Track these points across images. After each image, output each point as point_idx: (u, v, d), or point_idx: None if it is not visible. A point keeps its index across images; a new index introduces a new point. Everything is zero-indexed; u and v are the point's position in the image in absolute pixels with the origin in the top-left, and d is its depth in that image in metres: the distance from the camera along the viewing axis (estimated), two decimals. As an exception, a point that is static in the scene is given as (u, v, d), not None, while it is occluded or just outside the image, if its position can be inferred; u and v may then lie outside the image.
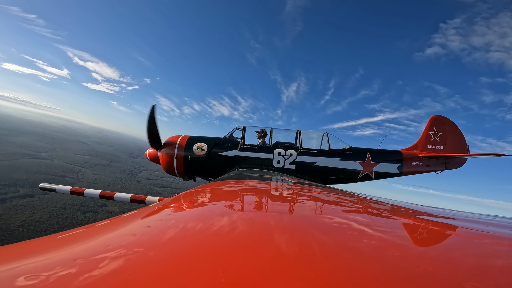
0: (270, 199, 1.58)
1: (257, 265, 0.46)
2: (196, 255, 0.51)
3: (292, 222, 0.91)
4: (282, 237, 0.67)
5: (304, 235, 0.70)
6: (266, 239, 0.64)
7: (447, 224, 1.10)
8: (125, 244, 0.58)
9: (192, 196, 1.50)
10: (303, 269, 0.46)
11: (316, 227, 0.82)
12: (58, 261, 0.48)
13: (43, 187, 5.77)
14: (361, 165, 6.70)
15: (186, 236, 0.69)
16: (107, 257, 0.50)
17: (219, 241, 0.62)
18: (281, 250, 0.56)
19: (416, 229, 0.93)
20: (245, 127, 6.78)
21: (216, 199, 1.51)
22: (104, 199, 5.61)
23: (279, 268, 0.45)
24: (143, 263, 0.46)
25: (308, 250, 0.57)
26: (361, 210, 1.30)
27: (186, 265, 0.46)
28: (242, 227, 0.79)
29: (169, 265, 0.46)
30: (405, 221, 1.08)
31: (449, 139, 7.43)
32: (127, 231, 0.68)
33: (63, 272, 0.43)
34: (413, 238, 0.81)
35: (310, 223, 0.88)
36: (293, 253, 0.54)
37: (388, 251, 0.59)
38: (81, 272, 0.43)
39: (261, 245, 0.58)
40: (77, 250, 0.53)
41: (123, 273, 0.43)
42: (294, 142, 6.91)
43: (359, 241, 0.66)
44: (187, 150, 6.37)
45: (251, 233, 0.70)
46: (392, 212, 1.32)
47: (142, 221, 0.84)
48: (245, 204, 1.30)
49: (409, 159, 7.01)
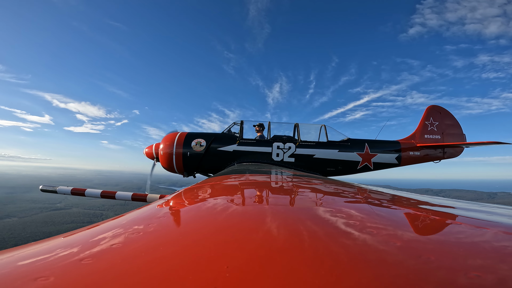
0: (271, 193, 1.59)
1: (261, 259, 0.46)
2: (200, 251, 0.51)
3: (294, 215, 0.91)
4: (286, 230, 0.68)
5: (308, 227, 0.70)
6: (269, 233, 0.64)
7: (448, 214, 1.11)
8: (129, 242, 0.58)
9: (193, 192, 1.50)
10: (307, 261, 0.46)
11: (318, 219, 0.82)
12: (65, 262, 0.48)
13: (44, 189, 5.76)
14: (360, 156, 6.73)
15: (189, 232, 0.69)
16: (112, 256, 0.50)
17: (222, 237, 0.62)
18: (285, 243, 0.56)
19: (417, 218, 0.93)
20: (243, 121, 6.76)
21: (217, 194, 1.52)
22: (105, 198, 5.61)
23: (283, 262, 0.45)
24: (148, 260, 0.46)
25: (312, 242, 0.58)
26: (362, 200, 1.31)
27: (191, 261, 0.46)
28: (244, 222, 0.79)
29: (174, 262, 0.46)
30: (406, 210, 1.09)
31: (446, 129, 7.46)
32: (131, 230, 0.68)
33: (70, 273, 0.43)
34: (414, 227, 0.81)
35: (313, 216, 0.89)
36: (297, 246, 0.54)
37: (389, 241, 0.59)
38: (87, 271, 0.43)
39: (265, 239, 0.59)
40: (83, 250, 0.53)
41: (129, 271, 0.43)
42: (293, 135, 6.91)
43: (360, 231, 0.66)
44: (186, 147, 6.36)
45: (253, 228, 0.70)
46: (393, 202, 1.33)
47: (144, 219, 0.84)
48: (246, 199, 1.30)
49: (407, 149, 7.05)
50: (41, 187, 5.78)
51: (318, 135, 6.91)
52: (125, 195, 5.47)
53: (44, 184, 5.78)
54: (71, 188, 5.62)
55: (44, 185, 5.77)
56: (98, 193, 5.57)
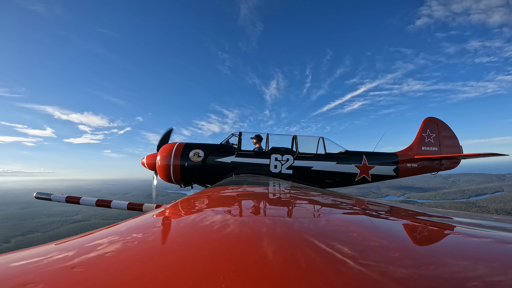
0: (269, 204, 1.58)
1: (257, 270, 0.45)
2: (196, 262, 0.50)
3: (291, 226, 0.90)
4: (283, 242, 0.67)
5: (305, 239, 0.69)
6: (266, 244, 0.63)
7: (446, 224, 1.10)
8: (123, 252, 0.57)
9: (189, 202, 1.49)
10: (305, 272, 0.45)
11: (316, 231, 0.81)
12: (56, 269, 0.47)
13: (38, 196, 5.64)
14: (357, 168, 6.74)
15: (184, 242, 0.68)
16: (105, 265, 0.49)
17: (219, 247, 0.61)
18: (282, 255, 0.56)
19: (415, 229, 0.93)
20: (241, 133, 6.78)
21: (214, 205, 1.50)
22: (100, 207, 5.49)
23: (280, 273, 0.44)
24: (142, 270, 0.45)
25: (310, 253, 0.57)
26: (360, 212, 1.30)
27: (186, 272, 0.45)
28: (241, 233, 0.78)
29: (169, 272, 0.45)
30: (404, 221, 1.08)
31: (443, 140, 7.54)
32: (125, 239, 0.67)
33: (60, 280, 0.42)
34: (413, 238, 0.81)
35: (310, 227, 0.88)
36: (295, 258, 0.54)
37: (388, 252, 0.59)
38: (79, 280, 0.42)
39: (261, 251, 0.58)
40: (75, 258, 0.52)
41: (122, 281, 0.42)
42: (291, 147, 6.93)
43: (359, 243, 0.66)
44: (183, 157, 6.33)
45: (250, 239, 0.69)
46: (391, 214, 1.33)
47: (139, 229, 0.83)
48: (243, 210, 1.29)
49: (404, 161, 7.08)
50: (35, 194, 5.64)
51: (316, 147, 6.93)
52: (120, 204, 5.35)
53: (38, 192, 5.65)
54: (66, 196, 5.49)
55: (38, 192, 5.64)
56: (93, 201, 5.44)
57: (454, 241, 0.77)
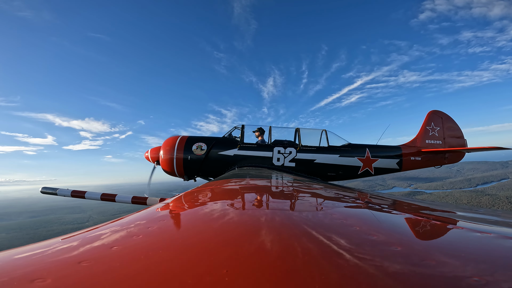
0: (272, 197, 1.58)
1: (261, 263, 0.46)
2: (200, 255, 0.51)
3: (294, 219, 0.91)
4: (286, 234, 0.67)
5: (308, 232, 0.70)
6: (270, 237, 0.64)
7: (449, 218, 1.10)
8: (129, 246, 0.58)
9: (193, 196, 1.50)
10: (309, 265, 0.46)
11: (319, 225, 0.82)
12: (63, 264, 0.48)
13: (44, 191, 5.75)
14: (360, 161, 6.71)
15: (189, 236, 0.69)
16: (111, 259, 0.50)
17: (222, 240, 0.62)
18: (285, 248, 0.56)
19: (418, 223, 0.93)
20: (244, 126, 6.76)
21: (217, 198, 1.51)
22: (105, 201, 5.59)
23: (283, 266, 0.45)
24: (147, 264, 0.46)
25: (312, 246, 0.57)
26: (362, 205, 1.30)
27: (190, 265, 0.46)
28: (244, 226, 0.79)
29: (173, 266, 0.45)
30: (407, 215, 1.08)
31: (447, 134, 7.45)
32: (130, 233, 0.68)
33: (68, 275, 0.43)
34: (415, 232, 0.81)
35: (313, 221, 0.88)
36: (297, 251, 0.54)
37: (390, 246, 0.59)
38: (86, 274, 0.43)
39: (265, 244, 0.58)
40: (81, 252, 0.53)
41: (128, 274, 0.43)
42: (293, 139, 6.90)
43: (361, 237, 0.66)
44: (187, 151, 6.35)
45: (253, 232, 0.70)
46: (394, 207, 1.33)
47: (144, 222, 0.84)
48: (246, 203, 1.29)
49: (408, 154, 7.02)
50: (41, 189, 5.76)
51: (319, 140, 6.90)
52: (125, 197, 5.44)
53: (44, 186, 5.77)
54: (71, 190, 5.60)
55: (44, 187, 5.76)
56: (98, 195, 5.55)
57: (457, 236, 0.77)
